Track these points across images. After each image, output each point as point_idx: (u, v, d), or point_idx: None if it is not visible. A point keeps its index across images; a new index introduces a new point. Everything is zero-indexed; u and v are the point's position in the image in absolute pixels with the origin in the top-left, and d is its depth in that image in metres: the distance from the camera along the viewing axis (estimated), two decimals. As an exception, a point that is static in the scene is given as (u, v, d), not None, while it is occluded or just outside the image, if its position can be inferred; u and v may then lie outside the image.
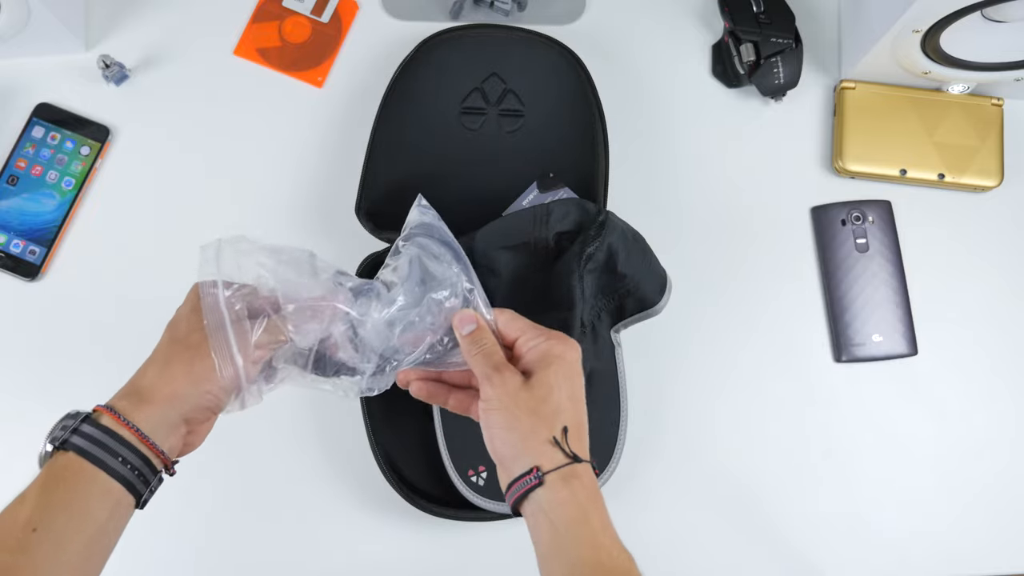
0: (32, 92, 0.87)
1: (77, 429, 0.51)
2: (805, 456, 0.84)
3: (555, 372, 0.54)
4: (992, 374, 0.86)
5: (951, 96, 0.89)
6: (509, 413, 0.53)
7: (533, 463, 0.52)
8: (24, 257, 0.84)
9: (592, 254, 0.72)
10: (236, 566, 0.80)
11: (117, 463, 0.50)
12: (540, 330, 0.57)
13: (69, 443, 0.51)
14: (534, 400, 0.53)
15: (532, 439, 0.53)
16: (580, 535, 0.52)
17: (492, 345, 0.56)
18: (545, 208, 0.75)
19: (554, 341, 0.56)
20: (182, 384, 0.53)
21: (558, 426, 0.53)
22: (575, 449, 0.53)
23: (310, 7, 0.91)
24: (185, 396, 0.53)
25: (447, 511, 0.76)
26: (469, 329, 0.57)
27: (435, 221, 0.63)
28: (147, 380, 0.54)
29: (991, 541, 0.83)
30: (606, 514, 0.53)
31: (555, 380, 0.54)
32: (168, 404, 0.53)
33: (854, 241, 0.87)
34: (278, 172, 0.87)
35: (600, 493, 0.54)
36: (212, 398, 0.54)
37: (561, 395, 0.54)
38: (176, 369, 0.53)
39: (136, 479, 0.51)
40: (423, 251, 0.61)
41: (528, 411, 0.53)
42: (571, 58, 0.85)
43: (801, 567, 0.82)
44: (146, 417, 0.52)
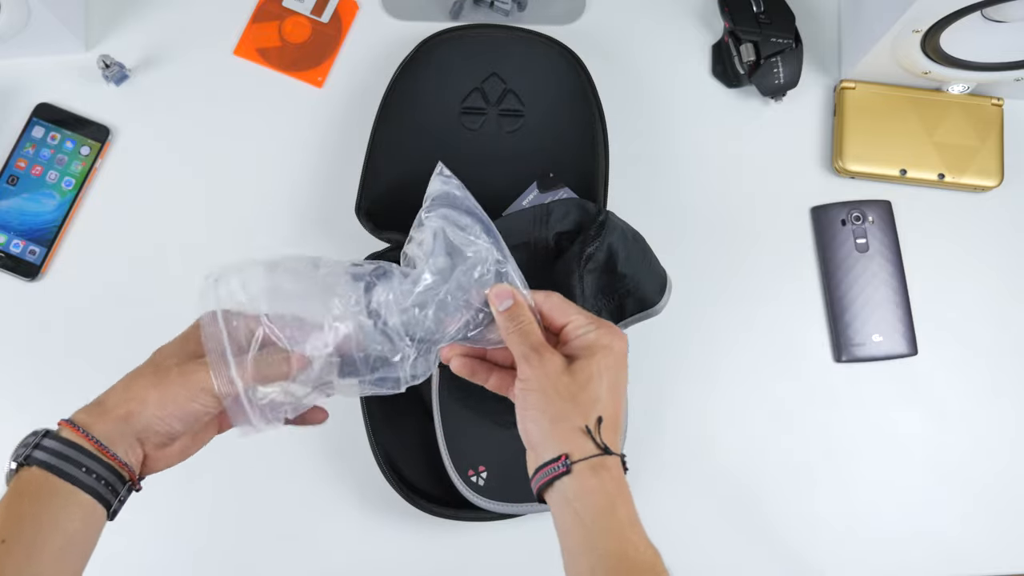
0: (32, 92, 0.87)
1: (39, 444, 0.51)
2: (805, 456, 0.84)
3: (600, 361, 0.53)
4: (992, 374, 0.86)
5: (951, 96, 0.89)
6: (545, 396, 0.52)
7: (562, 450, 0.51)
8: (24, 257, 0.84)
9: (592, 254, 0.72)
10: (236, 566, 0.80)
11: (81, 473, 0.50)
12: (591, 318, 0.55)
13: (32, 458, 0.51)
14: (574, 386, 0.52)
15: (565, 425, 0.52)
16: (607, 527, 0.51)
17: (530, 323, 0.55)
18: (545, 208, 0.75)
19: (604, 330, 0.54)
20: (137, 405, 0.53)
21: (593, 416, 0.52)
22: (607, 441, 0.52)
23: (310, 7, 0.91)
24: (138, 415, 0.53)
25: (447, 511, 0.76)
26: (506, 305, 0.55)
27: (458, 191, 0.59)
28: (112, 396, 0.54)
29: (991, 541, 0.83)
30: (634, 509, 0.52)
31: (598, 369, 0.53)
32: (122, 421, 0.52)
33: (854, 241, 0.87)
34: (278, 172, 0.87)
35: (628, 488, 0.52)
36: (163, 424, 0.53)
37: (602, 385, 0.52)
38: (134, 391, 0.53)
39: (104, 488, 0.51)
40: (447, 223, 0.58)
41: (565, 396, 0.52)
42: (571, 58, 0.85)
43: (801, 567, 0.82)
44: (102, 430, 0.52)
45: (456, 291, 0.56)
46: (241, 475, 0.81)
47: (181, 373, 0.53)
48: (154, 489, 0.58)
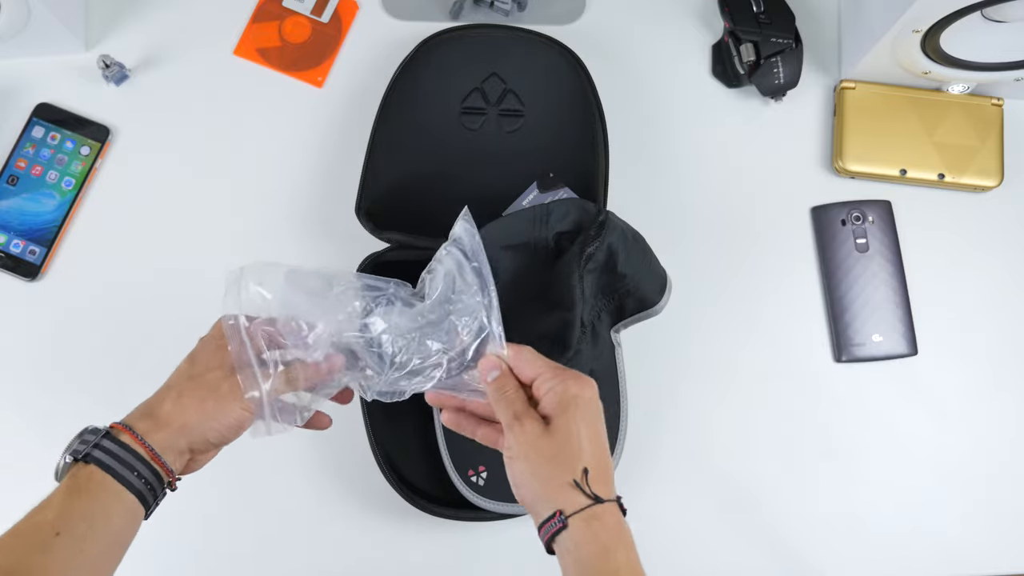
0: (32, 92, 0.87)
1: (99, 444, 0.55)
2: (805, 456, 0.84)
3: (573, 415, 0.56)
4: (992, 374, 0.86)
5: (951, 96, 0.89)
6: (530, 461, 0.55)
7: (556, 507, 0.54)
8: (24, 257, 0.84)
9: (592, 254, 0.72)
10: (235, 566, 0.80)
11: (133, 477, 0.54)
12: (556, 370, 0.58)
13: (91, 456, 0.54)
14: (554, 446, 0.55)
15: (553, 484, 0.54)
16: (602, 571, 0.53)
17: (514, 392, 0.58)
18: (545, 208, 0.75)
19: (570, 382, 0.57)
20: (192, 418, 0.56)
21: (578, 469, 0.54)
22: (597, 490, 0.54)
23: (310, 7, 0.91)
24: (193, 428, 0.56)
25: (447, 511, 0.76)
26: (493, 376, 0.59)
27: (471, 241, 0.63)
28: (163, 409, 0.57)
29: (991, 541, 0.83)
30: (632, 551, 0.55)
31: (574, 423, 0.55)
32: (179, 432, 0.56)
33: (854, 241, 0.87)
34: (278, 172, 0.87)
35: (626, 530, 0.55)
36: (216, 434, 0.57)
37: (580, 438, 0.55)
38: (189, 404, 0.57)
39: (147, 491, 0.55)
40: (458, 270, 0.62)
41: (548, 458, 0.55)
42: (571, 58, 0.85)
43: (801, 567, 0.82)
44: (158, 439, 0.56)
45: (442, 335, 0.61)
46: (241, 475, 0.81)
47: (231, 388, 0.57)
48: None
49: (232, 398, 0.57)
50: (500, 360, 0.59)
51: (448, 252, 0.63)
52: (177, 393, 0.57)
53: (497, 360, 0.59)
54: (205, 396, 0.57)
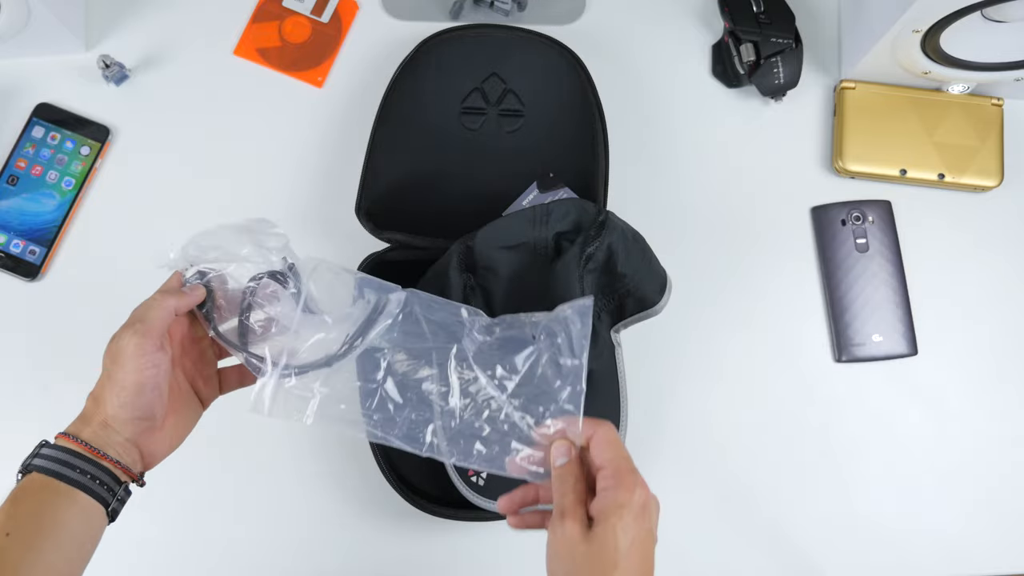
0: (32, 92, 0.87)
1: (38, 453, 0.55)
2: (805, 456, 0.84)
3: (614, 524, 0.53)
4: (992, 374, 0.86)
5: (951, 96, 0.89)
6: (562, 564, 0.53)
7: None
8: (24, 257, 0.84)
9: (592, 254, 0.72)
10: (235, 566, 0.80)
11: (77, 474, 0.54)
12: (615, 468, 0.55)
13: (32, 465, 0.55)
14: (588, 555, 0.53)
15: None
16: None
17: (573, 484, 0.55)
18: (545, 208, 0.75)
19: (622, 489, 0.54)
20: (105, 406, 0.56)
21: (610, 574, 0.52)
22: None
23: (310, 7, 0.91)
24: (112, 415, 0.56)
25: (447, 511, 0.76)
26: (561, 462, 0.56)
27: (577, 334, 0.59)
28: (88, 406, 0.57)
29: (992, 541, 0.83)
30: None
31: (613, 533, 0.53)
32: (103, 425, 0.56)
33: (854, 241, 0.87)
34: (278, 172, 0.87)
35: None
36: (132, 409, 0.56)
37: (617, 549, 0.53)
38: (99, 391, 0.57)
39: (101, 488, 0.55)
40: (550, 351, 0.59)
41: (580, 566, 0.53)
42: (571, 58, 0.85)
43: (801, 567, 0.82)
44: (90, 434, 0.56)
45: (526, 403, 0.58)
46: (240, 475, 0.81)
47: (112, 353, 0.57)
48: (152, 488, 0.59)
49: (120, 363, 0.56)
50: (572, 445, 0.56)
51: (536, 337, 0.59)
52: (96, 387, 0.58)
53: (569, 445, 0.56)
54: (109, 372, 0.57)
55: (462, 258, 0.74)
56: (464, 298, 0.74)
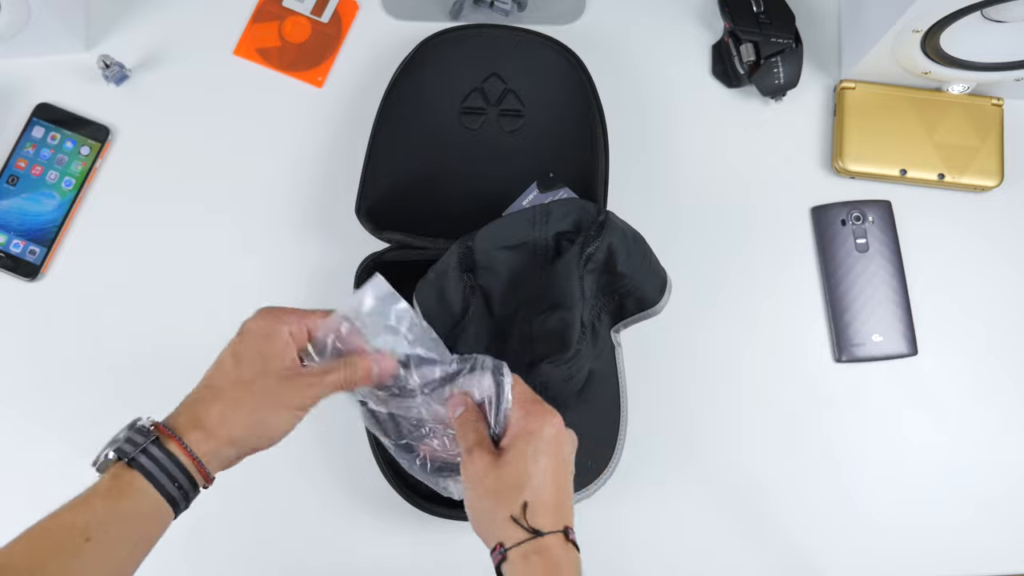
0: (32, 92, 0.87)
1: (146, 450, 0.54)
2: (805, 456, 0.84)
3: (523, 449, 0.56)
4: (992, 374, 0.86)
5: (951, 96, 0.89)
6: (475, 493, 0.57)
7: (497, 539, 0.55)
8: (24, 257, 0.84)
9: (592, 254, 0.72)
10: (234, 565, 0.80)
11: (173, 487, 0.54)
12: (526, 404, 0.59)
13: (136, 462, 0.54)
14: (499, 480, 0.56)
15: (494, 517, 0.56)
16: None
17: (474, 426, 0.59)
18: (545, 208, 0.75)
19: (532, 417, 0.58)
20: (244, 431, 0.56)
21: (517, 504, 0.55)
22: (538, 523, 0.54)
23: (310, 7, 0.91)
24: (244, 440, 0.56)
25: (447, 511, 0.76)
26: (459, 411, 0.60)
27: None
28: (212, 419, 0.56)
29: (991, 541, 0.83)
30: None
31: (523, 458, 0.56)
32: (228, 444, 0.56)
33: (854, 241, 0.87)
34: (278, 172, 0.87)
35: (568, 566, 0.55)
36: (267, 441, 0.57)
37: (528, 472, 0.56)
38: (240, 415, 0.56)
39: (182, 498, 0.55)
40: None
41: (491, 490, 0.56)
42: (571, 58, 0.85)
43: (801, 566, 0.82)
44: (207, 451, 0.55)
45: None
46: (239, 475, 0.81)
47: (280, 397, 0.56)
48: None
49: (281, 407, 0.56)
50: (466, 396, 0.60)
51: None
52: (226, 403, 0.56)
53: (463, 397, 0.60)
54: (257, 407, 0.56)
55: (462, 258, 0.74)
56: (464, 298, 0.74)
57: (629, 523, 0.82)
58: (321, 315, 0.60)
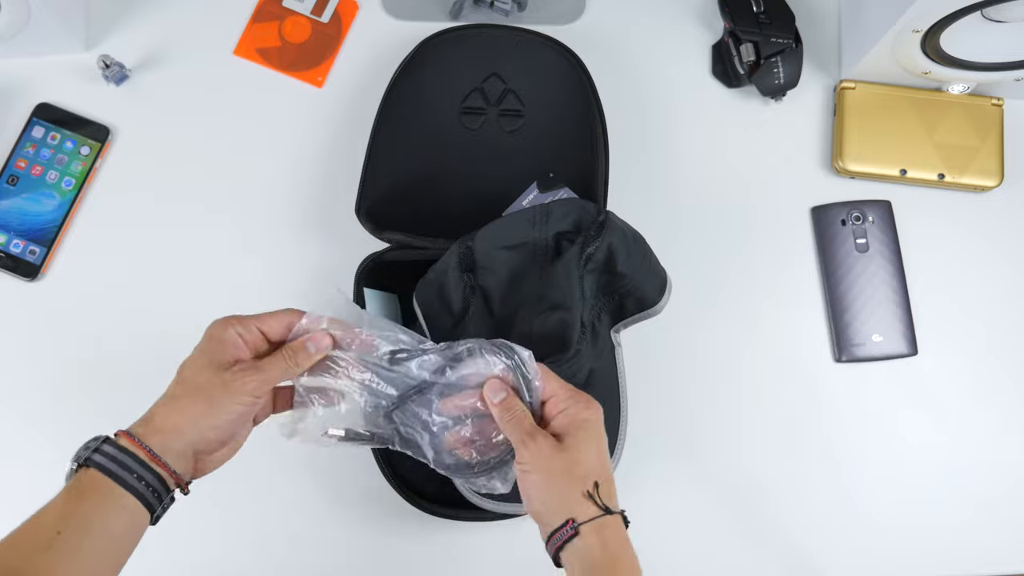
0: (32, 92, 0.87)
1: (98, 449, 0.56)
2: (805, 456, 0.84)
3: (585, 436, 0.59)
4: (992, 374, 0.86)
5: (951, 96, 0.89)
6: (545, 475, 0.58)
7: (569, 515, 0.57)
8: (24, 257, 0.84)
9: (592, 254, 0.72)
10: (233, 565, 0.80)
11: (133, 479, 0.55)
12: (569, 392, 0.61)
13: (91, 460, 0.55)
14: (568, 462, 0.58)
15: (568, 495, 0.57)
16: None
17: (522, 411, 0.61)
18: (545, 208, 0.75)
19: (581, 406, 0.60)
20: (185, 419, 0.57)
21: (590, 482, 0.58)
22: (606, 502, 0.57)
23: (310, 7, 0.91)
24: (187, 429, 0.57)
25: (447, 511, 0.76)
26: (500, 397, 0.61)
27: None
28: (158, 415, 0.58)
29: (991, 541, 0.83)
30: (635, 562, 0.57)
31: (585, 443, 0.59)
32: (174, 435, 0.57)
33: (854, 241, 0.87)
34: (278, 172, 0.87)
35: (630, 543, 0.58)
36: (216, 431, 0.58)
37: (591, 456, 0.59)
38: (180, 406, 0.58)
39: (150, 495, 0.56)
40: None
41: (563, 472, 0.58)
42: (571, 58, 0.85)
43: (801, 566, 0.82)
44: (156, 442, 0.57)
45: None
46: (239, 475, 0.81)
47: (222, 384, 0.58)
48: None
49: (223, 394, 0.58)
50: (503, 383, 0.61)
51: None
52: (170, 398, 0.59)
53: (500, 382, 0.61)
54: (195, 396, 0.58)
55: (462, 258, 0.74)
56: (464, 298, 0.74)
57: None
58: (275, 315, 0.62)
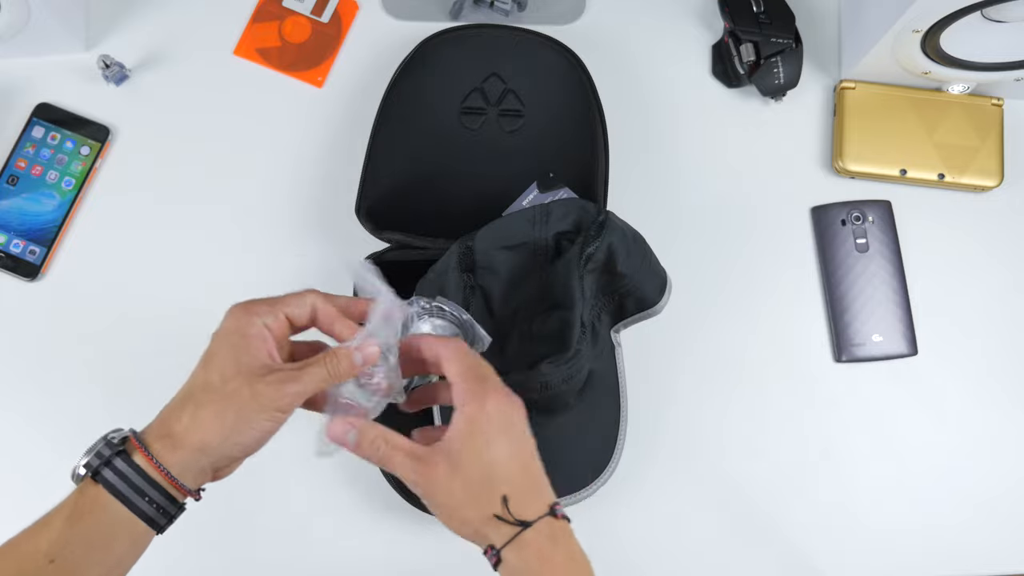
0: (32, 92, 0.87)
1: (110, 463, 0.51)
2: (805, 456, 0.84)
3: (473, 442, 0.52)
4: (992, 374, 0.86)
5: (951, 96, 0.89)
6: (447, 506, 0.53)
7: (488, 542, 0.52)
8: (24, 257, 0.84)
9: (592, 254, 0.72)
10: (233, 565, 0.80)
11: (144, 502, 0.51)
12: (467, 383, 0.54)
13: (100, 476, 0.51)
14: (465, 484, 0.52)
15: (478, 521, 0.52)
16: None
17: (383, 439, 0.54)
18: (545, 208, 0.75)
19: (468, 406, 0.53)
20: (212, 436, 0.52)
21: (496, 500, 0.52)
22: (521, 512, 0.52)
23: (310, 7, 0.91)
24: (213, 447, 0.52)
25: (447, 511, 0.76)
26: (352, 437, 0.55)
27: None
28: (180, 425, 0.52)
29: (991, 541, 0.83)
30: (571, 564, 0.53)
31: (475, 450, 0.52)
32: (198, 453, 0.52)
33: (854, 241, 0.87)
34: (278, 172, 0.87)
35: (561, 541, 0.53)
36: (240, 448, 0.53)
37: (488, 463, 0.52)
38: (207, 419, 0.52)
39: (158, 515, 0.52)
40: None
41: (462, 499, 0.52)
42: (571, 58, 0.85)
43: (800, 567, 0.82)
44: (176, 461, 0.52)
45: None
46: (239, 475, 0.81)
47: (253, 397, 0.52)
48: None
49: (255, 408, 0.51)
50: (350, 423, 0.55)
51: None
52: (195, 406, 0.52)
53: (346, 424, 0.55)
54: (224, 408, 0.51)
55: (462, 258, 0.75)
56: (464, 298, 0.74)
57: (629, 523, 0.82)
58: (298, 297, 0.55)
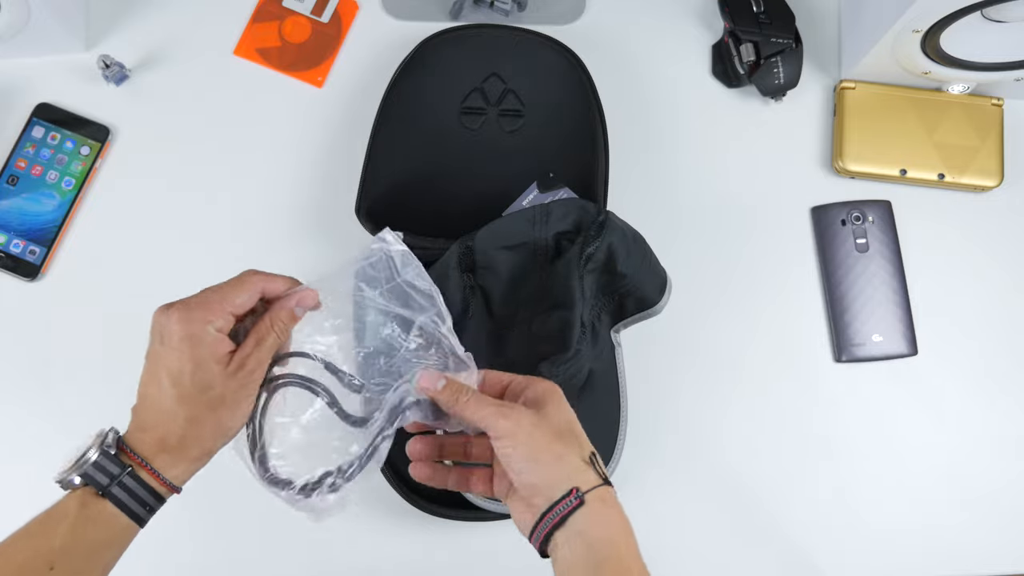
0: (32, 92, 0.87)
1: (121, 481, 0.53)
2: (805, 456, 0.84)
3: (559, 406, 0.54)
4: (992, 374, 0.86)
5: (951, 96, 0.89)
6: (534, 442, 0.52)
7: (572, 484, 0.51)
8: (24, 257, 0.84)
9: (592, 254, 0.72)
10: (233, 565, 0.80)
11: (145, 511, 0.54)
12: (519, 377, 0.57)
13: (109, 493, 0.53)
14: (555, 428, 0.53)
15: (565, 463, 0.52)
16: (612, 556, 0.51)
17: (472, 395, 0.56)
18: (545, 208, 0.75)
19: (544, 384, 0.56)
20: (214, 442, 0.55)
21: (587, 450, 0.53)
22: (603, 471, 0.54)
23: (310, 7, 0.91)
24: (214, 450, 0.56)
25: (447, 511, 0.76)
26: (442, 383, 0.56)
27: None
28: (176, 440, 0.54)
29: (991, 541, 0.83)
30: (634, 537, 0.53)
31: (565, 411, 0.55)
32: (198, 461, 0.56)
33: (854, 241, 0.87)
34: (278, 172, 0.87)
35: (616, 507, 0.54)
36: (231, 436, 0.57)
37: (568, 420, 0.54)
38: (204, 429, 0.55)
39: (148, 514, 0.55)
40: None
41: (553, 438, 0.53)
42: (571, 58, 0.85)
43: (801, 566, 0.82)
44: (178, 474, 0.55)
45: None
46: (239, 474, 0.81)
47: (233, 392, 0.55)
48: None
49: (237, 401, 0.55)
50: (436, 372, 0.56)
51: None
52: (186, 421, 0.54)
53: (434, 373, 0.56)
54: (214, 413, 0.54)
55: (462, 258, 0.75)
56: (464, 298, 0.74)
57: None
58: (234, 289, 0.56)
